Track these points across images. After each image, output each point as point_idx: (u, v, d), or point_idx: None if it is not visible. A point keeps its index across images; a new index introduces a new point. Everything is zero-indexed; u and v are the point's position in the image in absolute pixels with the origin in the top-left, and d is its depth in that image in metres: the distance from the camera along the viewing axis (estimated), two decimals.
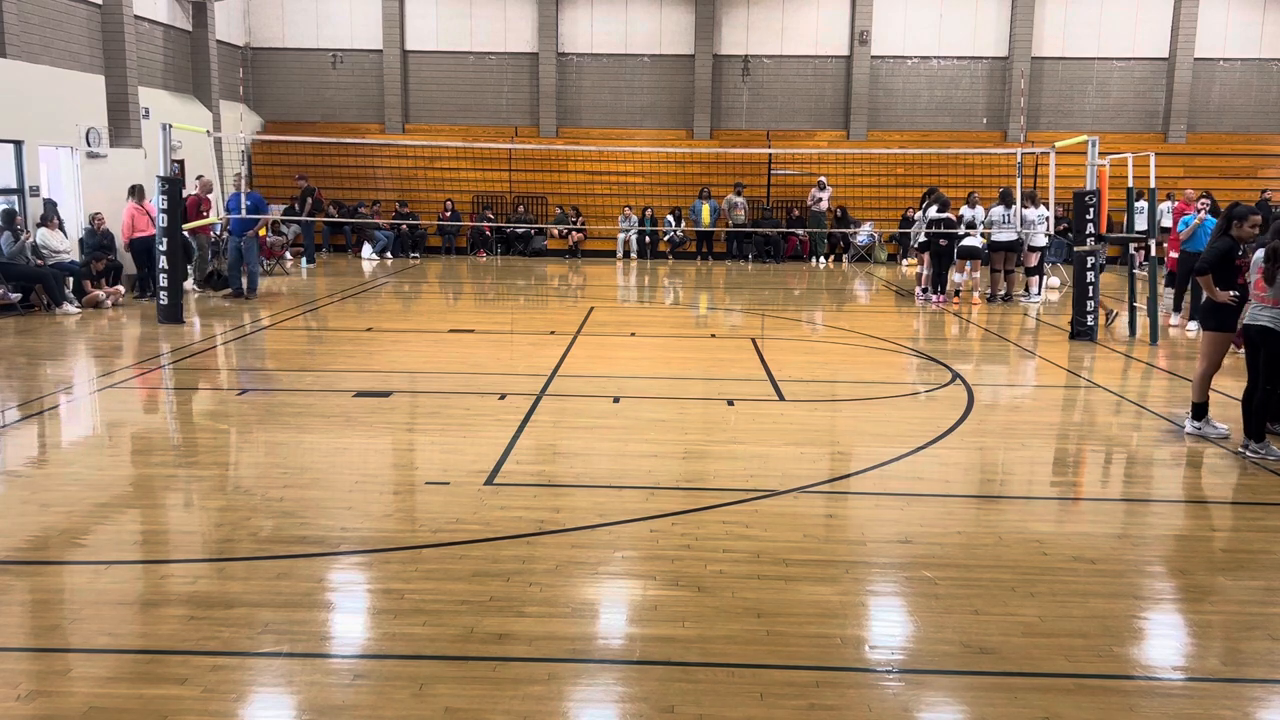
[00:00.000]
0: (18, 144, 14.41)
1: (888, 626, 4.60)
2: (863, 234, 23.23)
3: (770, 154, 24.11)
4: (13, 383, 9.58)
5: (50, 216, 14.48)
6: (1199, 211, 13.28)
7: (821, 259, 23.25)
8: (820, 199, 23.13)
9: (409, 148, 23.56)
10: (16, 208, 14.33)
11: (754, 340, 12.24)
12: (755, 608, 4.62)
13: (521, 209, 24.28)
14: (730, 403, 8.83)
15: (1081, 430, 8.50)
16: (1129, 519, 6.16)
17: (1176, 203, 18.33)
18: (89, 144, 15.91)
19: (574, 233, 23.54)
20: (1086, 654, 4.25)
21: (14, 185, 14.50)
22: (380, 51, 25.41)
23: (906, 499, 6.33)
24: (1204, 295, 7.84)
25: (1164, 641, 4.55)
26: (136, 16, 19.07)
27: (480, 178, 24.55)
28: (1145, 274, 13.26)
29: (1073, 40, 25.12)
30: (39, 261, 13.87)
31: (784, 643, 4.30)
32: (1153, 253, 12.76)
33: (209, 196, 16.33)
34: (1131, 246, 16.37)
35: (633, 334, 13.00)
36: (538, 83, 25.50)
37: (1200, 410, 7.80)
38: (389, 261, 22.17)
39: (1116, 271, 19.64)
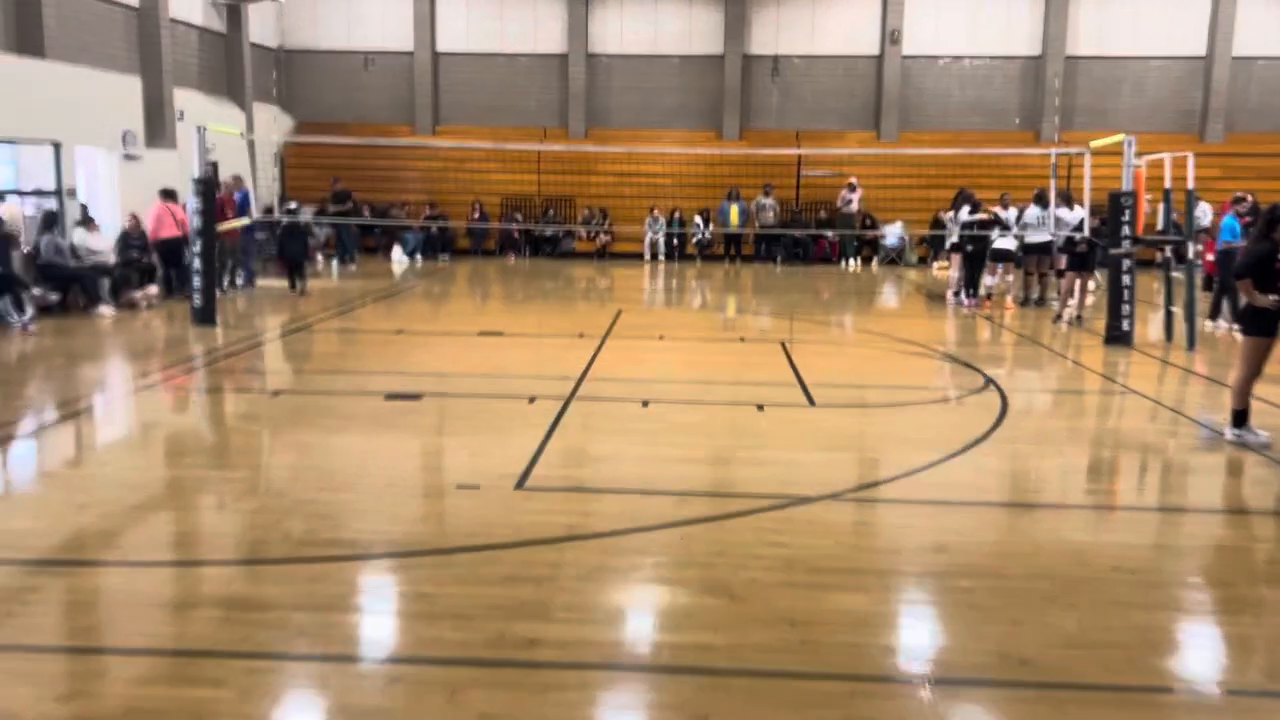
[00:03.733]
0: (56, 145, 14.60)
1: (923, 636, 4.55)
2: (893, 236, 23.08)
3: (800, 155, 24.00)
4: (51, 384, 9.70)
5: (88, 218, 14.65)
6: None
7: (851, 261, 23.12)
8: (850, 200, 22.99)
9: (439, 149, 23.67)
10: (54, 208, 14.51)
11: (783, 344, 12.19)
12: (788, 616, 4.58)
13: (550, 211, 24.32)
14: (760, 407, 8.79)
15: (1118, 437, 8.39)
16: (1168, 528, 6.07)
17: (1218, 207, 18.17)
18: (125, 145, 16.10)
19: (601, 235, 23.55)
20: (1127, 666, 4.18)
21: (52, 187, 14.68)
22: (411, 53, 25.55)
23: (940, 506, 6.26)
24: (1242, 299, 7.70)
25: (1206, 654, 4.47)
26: (172, 19, 19.29)
27: (509, 179, 24.61)
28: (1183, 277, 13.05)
29: (1108, 39, 24.83)
30: (76, 262, 14.05)
31: (818, 652, 4.26)
32: (1189, 255, 12.57)
33: (234, 198, 16.52)
34: (1167, 249, 16.13)
35: (661, 337, 12.97)
36: (567, 84, 25.54)
37: (1240, 417, 7.66)
38: (418, 263, 22.27)
39: (1153, 274, 19.39)
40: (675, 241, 23.63)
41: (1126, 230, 12.19)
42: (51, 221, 13.99)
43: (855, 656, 4.24)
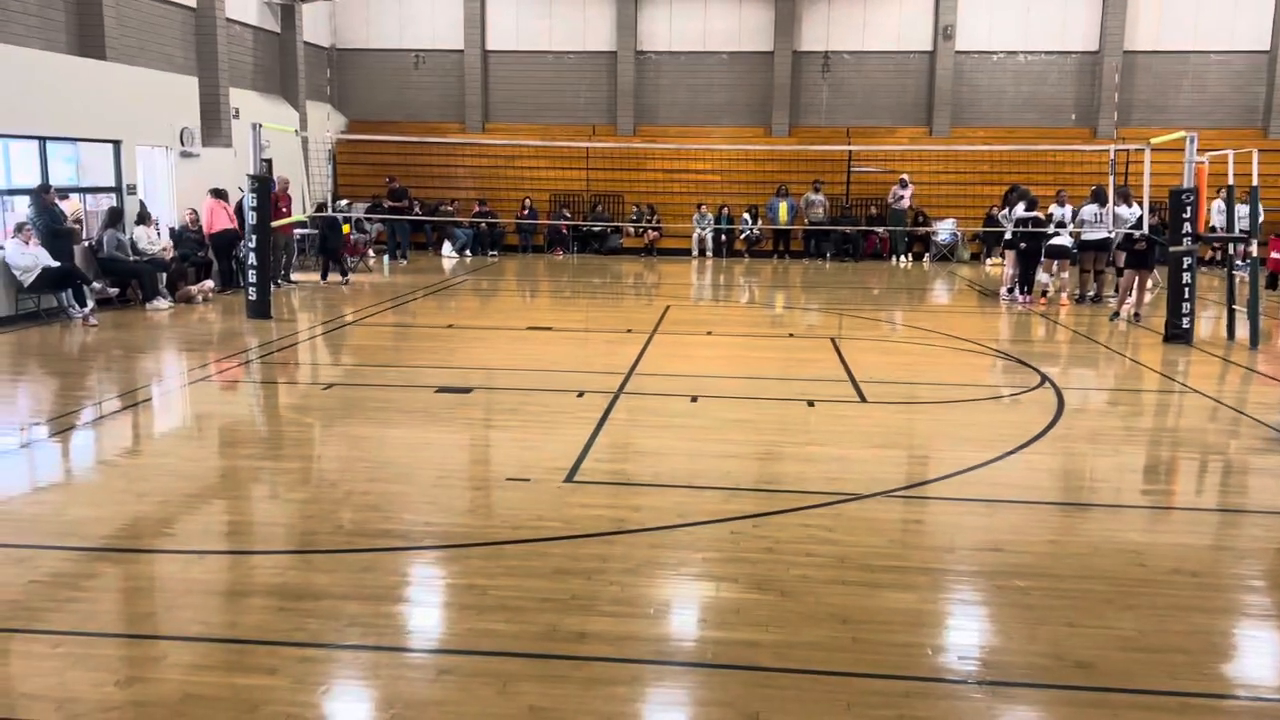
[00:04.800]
0: (116, 144, 14.90)
1: (978, 636, 4.48)
2: (945, 232, 22.79)
3: (850, 151, 23.77)
4: (110, 375, 9.91)
5: (146, 215, 14.95)
6: None
7: (903, 258, 22.88)
8: (902, 196, 22.75)
9: (488, 147, 23.80)
10: (117, 205, 14.82)
11: (833, 340, 12.08)
12: (840, 614, 4.53)
13: (600, 207, 24.35)
14: (810, 403, 8.71)
15: (1176, 436, 8.20)
16: (1229, 530, 5.91)
17: None
18: (183, 144, 16.39)
19: (650, 231, 23.53)
20: (1189, 671, 4.08)
21: (112, 184, 14.99)
22: (461, 52, 25.71)
23: (994, 505, 6.16)
24: None
25: (1270, 660, 4.35)
26: (228, 19, 19.59)
27: (558, 176, 24.68)
28: (1245, 275, 12.72)
29: (1167, 33, 24.28)
30: (136, 258, 14.33)
31: (871, 651, 4.21)
32: (1254, 253, 12.26)
33: (288, 194, 16.82)
34: (1230, 247, 15.75)
35: (709, 333, 12.93)
36: (616, 81, 25.55)
37: None
38: (468, 259, 22.43)
39: (1217, 273, 18.94)
40: (723, 238, 23.54)
41: (1187, 228, 11.92)
42: (116, 218, 14.30)
43: (908, 656, 4.18)
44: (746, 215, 23.50)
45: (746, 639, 4.31)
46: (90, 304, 12.86)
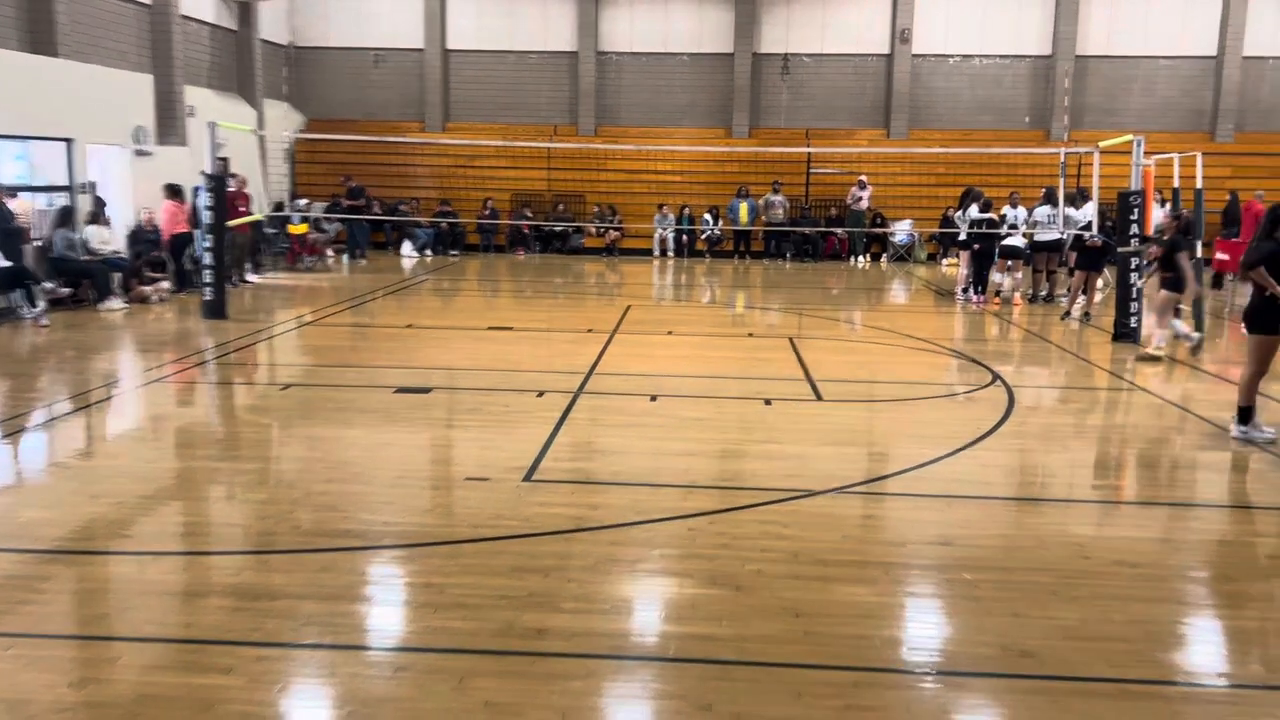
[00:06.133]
0: (68, 142, 14.69)
1: (927, 628, 4.58)
2: (902, 233, 23.07)
3: (809, 153, 23.99)
4: (62, 376, 9.79)
5: (99, 213, 14.75)
6: None
7: (861, 258, 23.12)
8: (860, 198, 23.00)
9: (449, 146, 23.73)
10: (69, 204, 14.61)
11: (792, 340, 12.21)
12: (793, 607, 4.61)
13: (560, 207, 24.37)
14: (768, 402, 8.82)
15: (1124, 433, 8.40)
16: (1172, 523, 6.08)
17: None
18: (137, 142, 16.19)
19: (611, 231, 23.59)
20: (1129, 659, 4.21)
21: (65, 183, 14.78)
22: (421, 50, 25.60)
23: (946, 500, 6.29)
24: (1250, 297, 7.69)
25: (1208, 648, 4.50)
26: (184, 16, 19.37)
27: (519, 176, 24.66)
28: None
29: (1118, 38, 24.75)
30: (88, 257, 14.13)
31: (822, 643, 4.29)
32: (1198, 254, 12.55)
33: (245, 192, 16.69)
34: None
35: (670, 333, 13.01)
36: (577, 81, 25.57)
37: (1246, 414, 7.67)
38: (428, 259, 22.35)
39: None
40: (684, 238, 23.66)
41: (1135, 229, 12.18)
42: (67, 216, 14.09)
43: (859, 647, 4.27)
44: (708, 216, 23.63)
45: (701, 633, 4.38)
46: (41, 304, 12.65)
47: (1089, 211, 14.90)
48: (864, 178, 23.09)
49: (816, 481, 6.49)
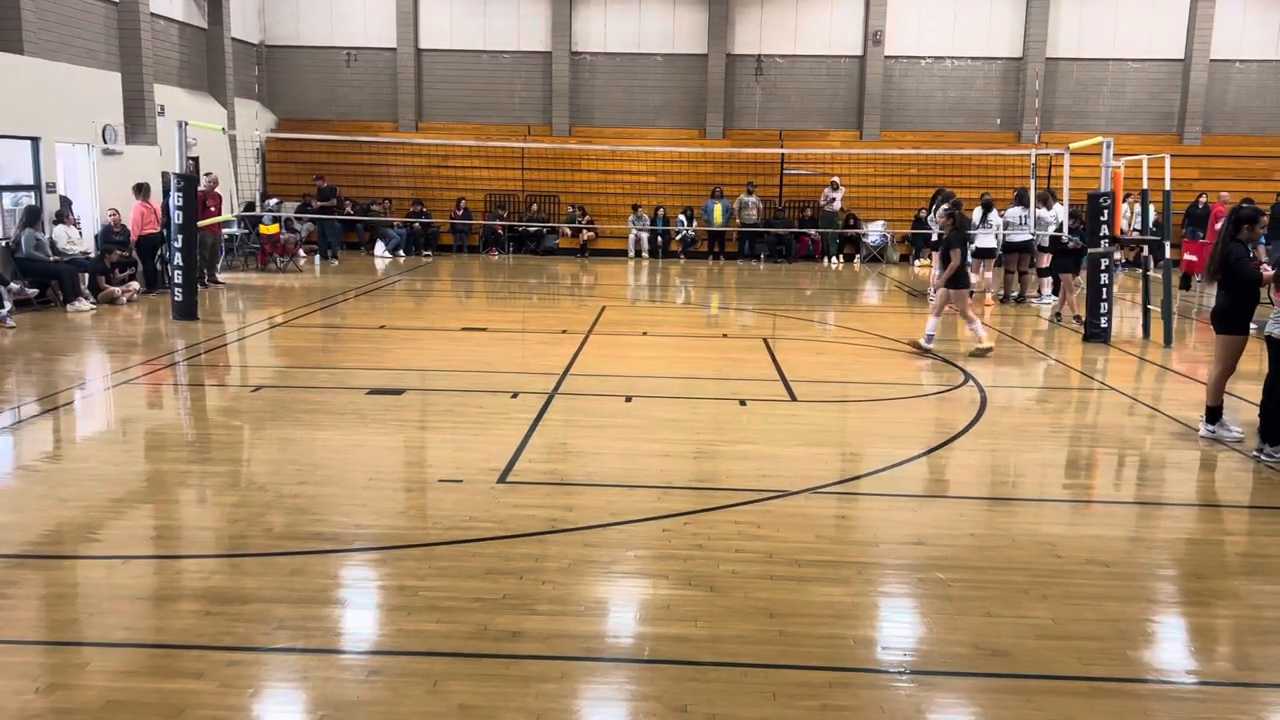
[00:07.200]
0: (35, 140, 14.50)
1: (900, 628, 4.60)
2: (875, 234, 23.19)
3: (783, 154, 24.08)
4: (29, 378, 9.65)
5: (66, 213, 14.57)
6: None
7: (834, 259, 23.22)
8: (833, 199, 23.09)
9: (422, 146, 23.61)
10: (36, 204, 14.41)
11: (766, 340, 12.24)
12: (768, 608, 4.62)
13: (534, 207, 24.31)
14: (742, 403, 8.83)
15: (1095, 433, 8.47)
16: (1142, 522, 6.14)
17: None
18: (105, 141, 16.00)
19: (584, 232, 23.56)
20: (1100, 657, 4.24)
21: (31, 182, 14.58)
22: (394, 50, 25.47)
23: (919, 500, 6.33)
24: (1216, 298, 7.79)
25: (1178, 645, 4.55)
26: (153, 14, 19.17)
27: (493, 176, 24.58)
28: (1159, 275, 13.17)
29: (1088, 41, 25.01)
30: (56, 258, 13.95)
31: (797, 643, 4.31)
32: (1166, 254, 12.70)
33: (216, 192, 16.55)
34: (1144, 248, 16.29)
35: (645, 333, 13.01)
36: (551, 81, 25.52)
37: (1215, 413, 7.77)
38: (401, 259, 22.23)
39: (1132, 274, 19.56)
40: (659, 239, 23.67)
41: (1105, 230, 12.31)
42: (34, 216, 13.90)
43: (833, 648, 4.28)
44: (682, 217, 23.65)
45: (676, 634, 4.38)
46: (8, 306, 12.47)
47: (1059, 213, 15.04)
48: (837, 179, 23.19)
49: (790, 482, 6.51)
